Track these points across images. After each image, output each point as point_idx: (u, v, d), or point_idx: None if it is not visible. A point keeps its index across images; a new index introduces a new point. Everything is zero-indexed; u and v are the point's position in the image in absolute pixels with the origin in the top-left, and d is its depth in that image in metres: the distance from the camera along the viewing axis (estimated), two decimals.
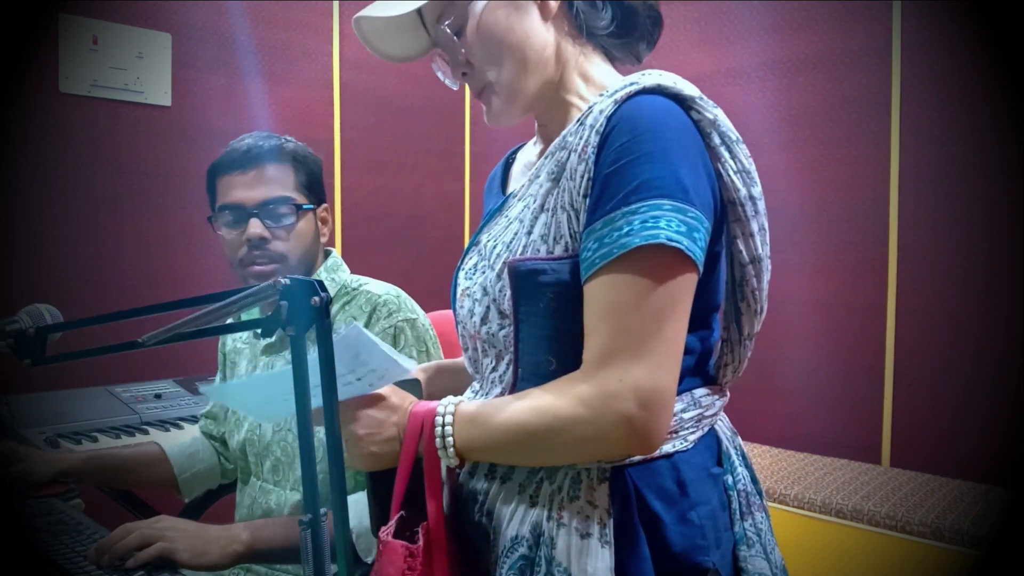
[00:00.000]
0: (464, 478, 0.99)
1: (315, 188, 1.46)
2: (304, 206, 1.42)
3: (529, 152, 1.10)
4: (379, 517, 0.96)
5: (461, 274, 1.02)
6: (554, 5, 0.95)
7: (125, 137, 2.65)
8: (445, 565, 0.87)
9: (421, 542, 0.87)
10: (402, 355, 0.90)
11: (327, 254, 1.50)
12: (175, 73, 2.75)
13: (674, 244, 0.81)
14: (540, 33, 0.95)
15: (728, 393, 1.00)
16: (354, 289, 1.43)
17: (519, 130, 1.17)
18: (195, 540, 1.17)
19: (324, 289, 0.77)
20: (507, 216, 0.99)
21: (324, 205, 1.48)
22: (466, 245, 1.07)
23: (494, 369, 0.98)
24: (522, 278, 0.90)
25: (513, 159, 1.14)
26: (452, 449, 0.89)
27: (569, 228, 0.88)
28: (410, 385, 1.00)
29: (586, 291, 0.86)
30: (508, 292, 0.91)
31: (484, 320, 0.95)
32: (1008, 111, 2.37)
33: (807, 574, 2.21)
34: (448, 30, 0.96)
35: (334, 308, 1.41)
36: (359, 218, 3.29)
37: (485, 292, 0.95)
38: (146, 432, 1.98)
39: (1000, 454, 2.38)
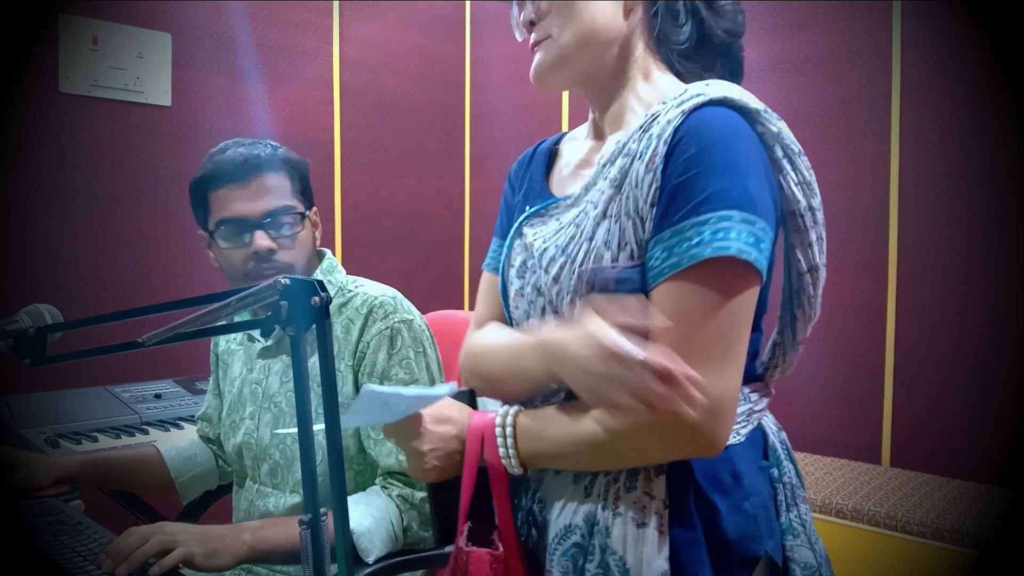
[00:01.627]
0: None
1: (307, 192, 1.45)
2: (304, 213, 1.42)
3: (578, 148, 1.07)
4: (441, 527, 1.00)
5: (511, 271, 1.03)
6: (638, 5, 0.97)
7: (125, 137, 2.65)
8: (521, 569, 0.91)
9: (501, 548, 0.91)
10: (437, 385, 0.91)
11: (321, 255, 1.49)
12: (175, 73, 2.74)
13: (744, 256, 0.83)
14: (615, 22, 0.97)
15: (773, 391, 1.02)
16: (351, 291, 1.43)
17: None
18: (207, 541, 1.18)
19: (324, 289, 0.77)
20: (558, 220, 0.99)
21: (314, 209, 1.47)
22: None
23: None
24: (603, 286, 0.90)
25: (557, 149, 1.11)
26: (516, 460, 0.92)
27: (635, 235, 0.89)
28: (463, 397, 1.02)
29: (652, 298, 0.87)
30: (568, 296, 0.92)
31: (541, 322, 0.97)
32: (1008, 111, 2.37)
33: None
34: None
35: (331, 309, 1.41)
36: (359, 218, 3.29)
37: (539, 293, 0.97)
38: (146, 432, 1.98)
39: (1000, 454, 2.38)
